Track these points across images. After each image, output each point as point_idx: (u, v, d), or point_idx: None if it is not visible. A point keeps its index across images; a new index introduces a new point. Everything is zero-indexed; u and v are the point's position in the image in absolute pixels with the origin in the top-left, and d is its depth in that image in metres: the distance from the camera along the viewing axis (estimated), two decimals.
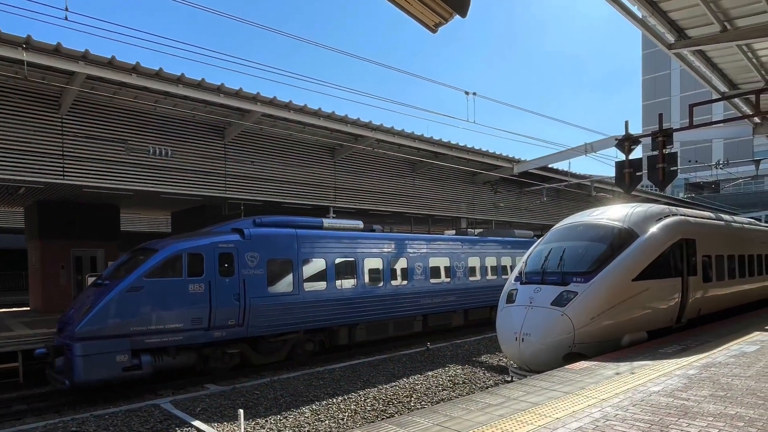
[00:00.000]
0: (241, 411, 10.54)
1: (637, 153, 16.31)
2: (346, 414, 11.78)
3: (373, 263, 19.77)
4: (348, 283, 18.80)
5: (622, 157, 15.97)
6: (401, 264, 20.83)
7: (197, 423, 11.13)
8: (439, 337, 21.87)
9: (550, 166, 27.60)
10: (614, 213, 14.53)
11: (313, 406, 12.29)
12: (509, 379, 13.06)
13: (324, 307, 17.87)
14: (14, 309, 25.66)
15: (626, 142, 15.92)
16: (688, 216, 15.93)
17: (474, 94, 19.48)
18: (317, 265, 17.94)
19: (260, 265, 16.20)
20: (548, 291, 12.45)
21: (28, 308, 24.88)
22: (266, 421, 11.37)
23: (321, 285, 17.92)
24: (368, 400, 12.72)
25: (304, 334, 17.69)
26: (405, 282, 20.86)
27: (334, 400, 12.72)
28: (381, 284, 19.93)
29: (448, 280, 22.79)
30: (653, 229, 13.80)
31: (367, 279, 19.43)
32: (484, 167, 26.42)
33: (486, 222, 31.48)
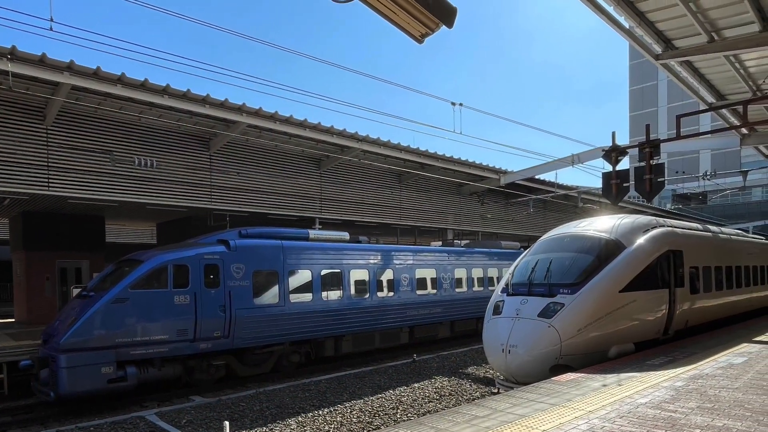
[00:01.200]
0: (227, 423, 10.45)
1: (624, 164, 16.36)
2: (332, 426, 11.71)
3: (359, 275, 19.71)
4: (334, 295, 18.73)
5: (609, 168, 15.98)
6: (387, 275, 20.78)
7: None
8: (425, 349, 21.82)
9: (536, 177, 27.64)
10: (601, 224, 14.52)
11: (299, 418, 12.20)
12: (496, 391, 12.98)
13: (310, 318, 17.79)
14: None
15: (613, 153, 15.94)
16: (675, 227, 15.94)
17: (461, 104, 19.49)
18: (303, 276, 17.87)
19: (246, 277, 16.13)
20: (535, 302, 12.41)
21: (13, 320, 24.69)
22: None
23: (307, 296, 17.84)
24: (354, 412, 12.64)
25: (290, 345, 17.61)
26: (391, 293, 20.80)
27: (320, 412, 12.64)
28: (367, 296, 19.86)
29: (435, 291, 22.74)
30: (640, 240, 13.80)
31: (353, 290, 19.36)
32: (471, 178, 26.44)
33: (472, 233, 31.50)
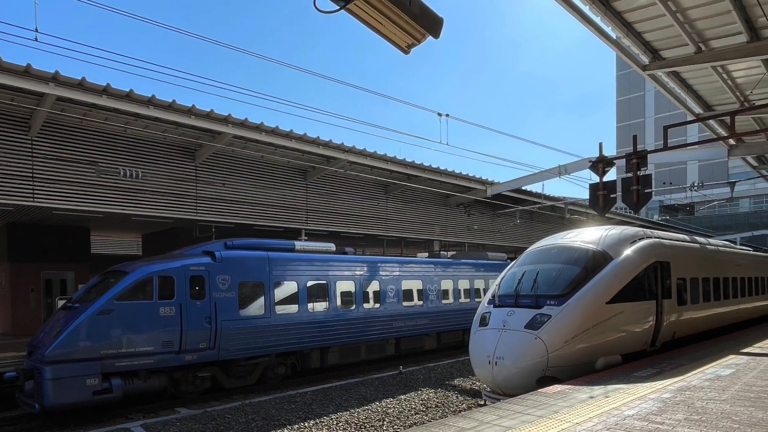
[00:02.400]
0: None
1: (612, 175, 16.33)
2: None
3: (345, 286, 19.67)
4: (320, 306, 18.67)
5: (596, 179, 15.97)
6: (373, 287, 20.74)
7: None
8: (411, 361, 21.73)
9: (523, 188, 27.68)
10: (588, 235, 14.51)
11: (285, 430, 12.12)
12: (482, 402, 12.93)
13: (296, 330, 17.72)
14: None
15: (600, 164, 15.93)
16: (662, 238, 15.94)
17: (447, 115, 19.49)
18: (289, 288, 17.81)
19: (232, 288, 16.06)
20: (522, 314, 12.36)
21: None
22: None
23: (293, 308, 17.78)
24: (340, 424, 12.56)
25: (275, 357, 17.51)
26: (377, 305, 20.75)
27: (306, 424, 12.55)
28: (353, 307, 19.82)
29: (421, 303, 22.70)
30: (627, 251, 13.78)
31: (339, 302, 19.31)
32: (458, 189, 26.46)
33: (459, 244, 31.48)
